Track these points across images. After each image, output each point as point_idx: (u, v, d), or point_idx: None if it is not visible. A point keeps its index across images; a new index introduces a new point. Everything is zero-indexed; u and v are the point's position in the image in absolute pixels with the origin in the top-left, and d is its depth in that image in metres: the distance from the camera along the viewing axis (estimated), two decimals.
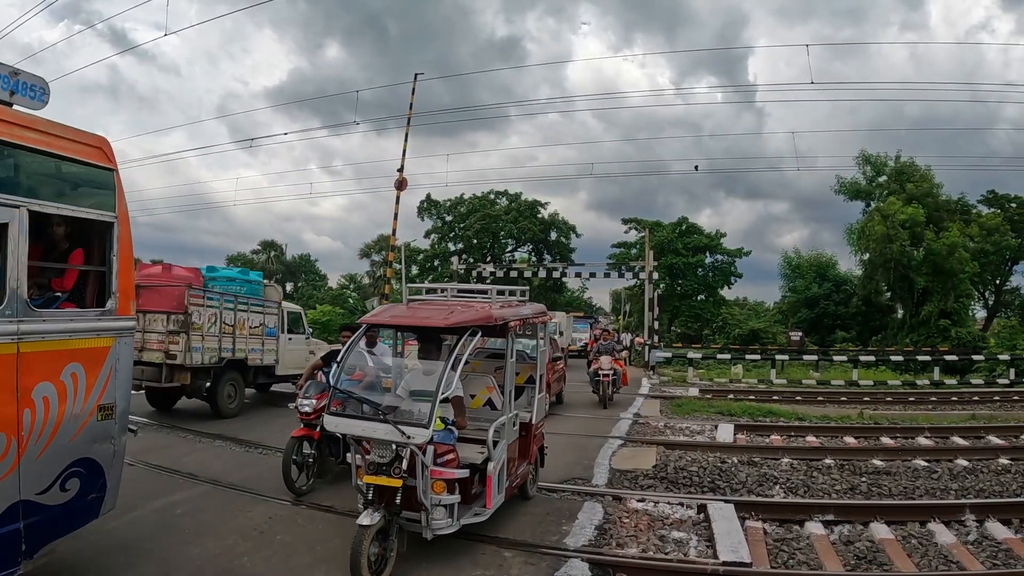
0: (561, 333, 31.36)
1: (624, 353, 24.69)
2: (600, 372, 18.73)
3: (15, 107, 5.03)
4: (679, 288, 57.38)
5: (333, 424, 6.36)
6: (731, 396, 21.71)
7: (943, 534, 7.71)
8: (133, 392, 7.49)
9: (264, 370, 16.38)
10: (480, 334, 7.07)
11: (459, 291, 9.08)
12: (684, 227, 58.10)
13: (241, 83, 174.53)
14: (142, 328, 13.53)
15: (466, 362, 7.40)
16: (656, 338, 35.20)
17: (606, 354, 18.96)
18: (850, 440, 13.85)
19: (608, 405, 18.23)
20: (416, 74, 28.67)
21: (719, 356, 32.54)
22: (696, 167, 43.39)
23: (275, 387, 17.71)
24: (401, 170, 27.93)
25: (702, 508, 8.41)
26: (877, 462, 11.43)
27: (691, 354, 32.14)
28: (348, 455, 7.10)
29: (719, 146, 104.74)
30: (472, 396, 8.47)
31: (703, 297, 58.48)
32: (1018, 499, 9.10)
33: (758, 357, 31.82)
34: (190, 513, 7.77)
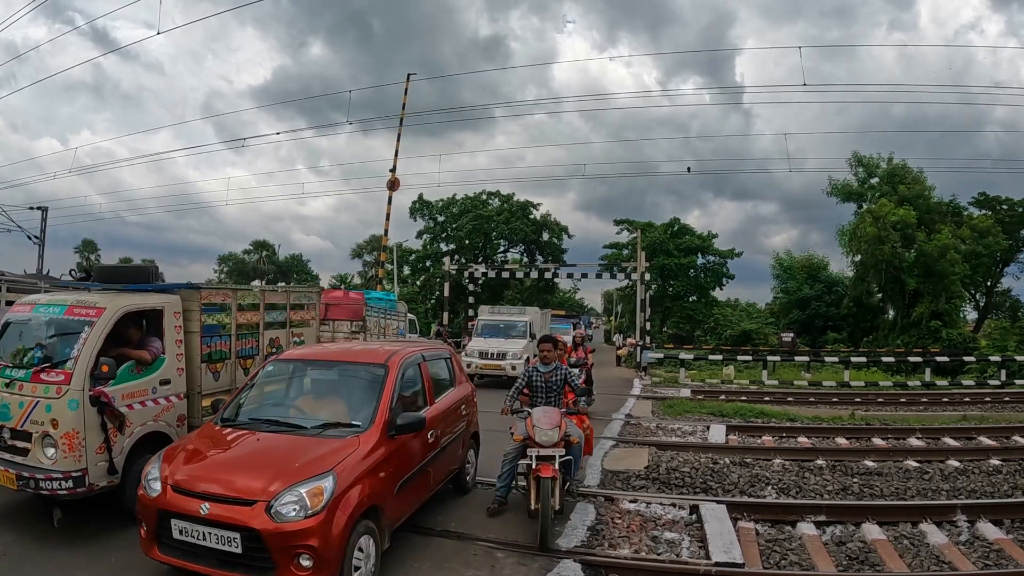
0: (533, 336, 24.87)
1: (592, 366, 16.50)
2: (533, 454, 7.67)
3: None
4: (671, 289, 57.44)
5: None
6: (723, 397, 21.68)
7: (935, 534, 7.71)
8: None
9: None
10: None
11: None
12: (676, 228, 58.15)
13: (225, 81, 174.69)
14: (332, 330, 18.57)
15: None
16: (648, 339, 35.19)
17: (553, 397, 8.40)
18: (842, 441, 13.85)
19: (551, 537, 7.18)
20: (409, 74, 28.81)
21: (711, 357, 32.46)
22: (688, 168, 43.57)
23: None
24: (393, 170, 27.93)
25: (694, 509, 8.40)
26: (869, 463, 11.43)
27: (683, 355, 31.99)
28: None
29: (707, 147, 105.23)
30: None
31: (695, 298, 58.54)
32: (1009, 499, 9.11)
33: (750, 358, 31.76)
34: None
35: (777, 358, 31.57)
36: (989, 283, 48.00)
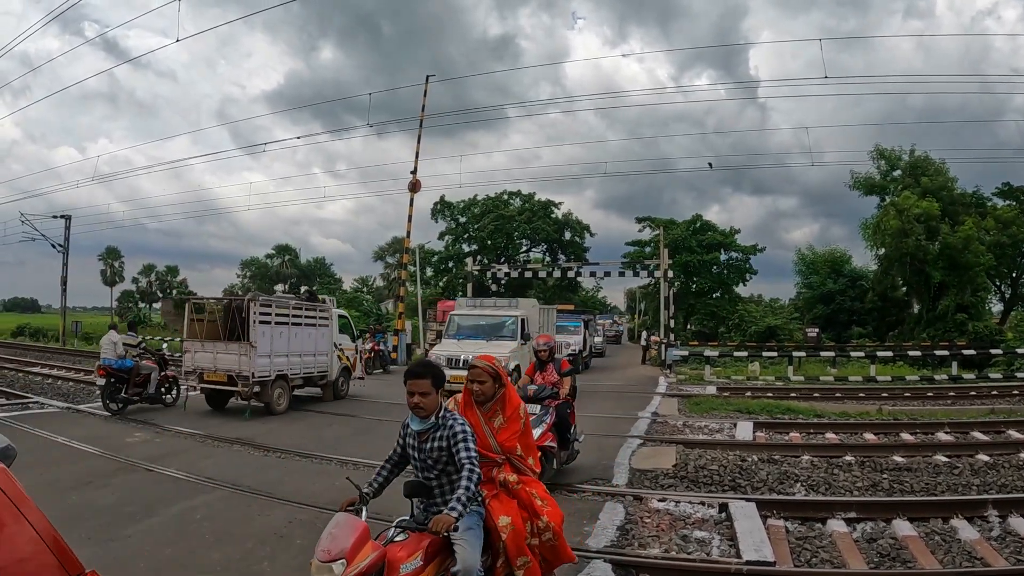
0: (527, 337, 19.83)
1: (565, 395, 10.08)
2: None
3: None
4: (694, 286, 57.32)
5: None
6: (749, 394, 21.68)
7: (966, 530, 7.66)
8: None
9: None
10: None
11: None
12: (698, 224, 58.02)
13: (238, 87, 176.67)
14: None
15: None
16: (672, 336, 35.11)
17: (436, 478, 4.50)
18: (870, 436, 13.79)
19: None
20: (428, 76, 28.88)
21: (736, 354, 32.35)
22: (710, 164, 43.36)
23: None
24: (414, 172, 28.00)
25: (723, 507, 8.38)
26: (898, 458, 11.38)
27: (707, 352, 31.95)
28: None
29: (724, 142, 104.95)
30: None
31: (718, 295, 58.35)
32: None
33: (775, 354, 31.67)
34: (209, 518, 7.79)
35: (802, 354, 31.50)
36: (1014, 274, 47.47)
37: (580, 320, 35.02)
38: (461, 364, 17.60)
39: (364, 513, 4.22)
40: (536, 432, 7.78)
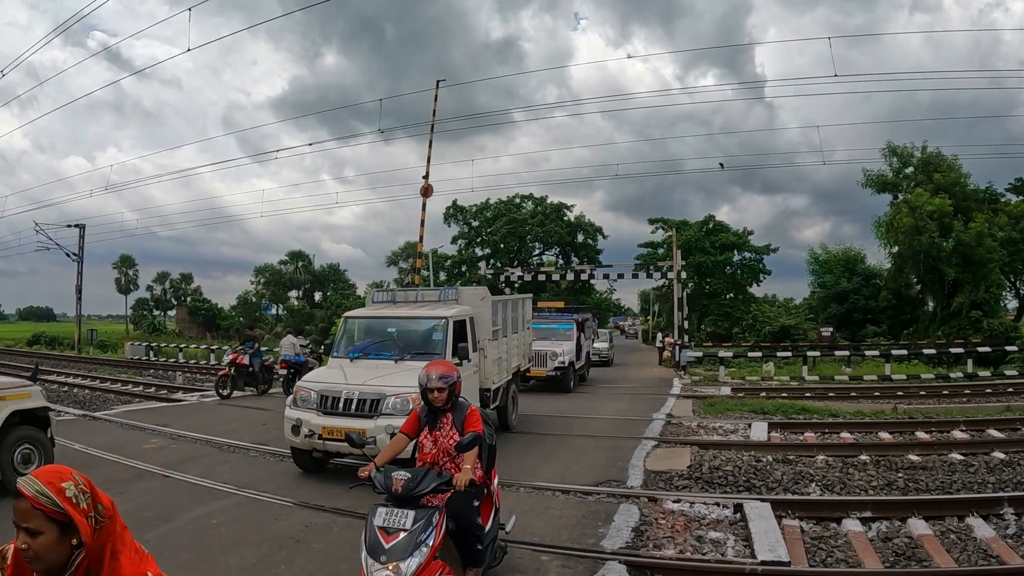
0: (462, 355, 11.25)
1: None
2: None
3: None
4: (707, 287, 57.05)
5: None
6: (763, 394, 21.61)
7: (982, 528, 7.65)
8: None
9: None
10: None
11: None
12: (711, 225, 57.82)
13: (243, 93, 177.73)
14: None
15: None
16: (686, 338, 34.99)
17: None
18: (885, 435, 13.74)
19: None
20: (438, 81, 28.76)
21: (750, 354, 32.22)
22: (721, 165, 43.17)
23: None
24: (426, 177, 27.97)
25: (738, 507, 8.39)
26: (913, 457, 11.35)
27: (722, 353, 31.80)
28: None
29: (732, 141, 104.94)
30: None
31: (732, 295, 58.09)
32: None
33: (789, 354, 31.55)
34: (225, 523, 7.85)
35: (817, 353, 31.40)
36: None
37: (572, 321, 26.15)
38: (342, 407, 10.03)
39: None
40: (411, 564, 4.45)
